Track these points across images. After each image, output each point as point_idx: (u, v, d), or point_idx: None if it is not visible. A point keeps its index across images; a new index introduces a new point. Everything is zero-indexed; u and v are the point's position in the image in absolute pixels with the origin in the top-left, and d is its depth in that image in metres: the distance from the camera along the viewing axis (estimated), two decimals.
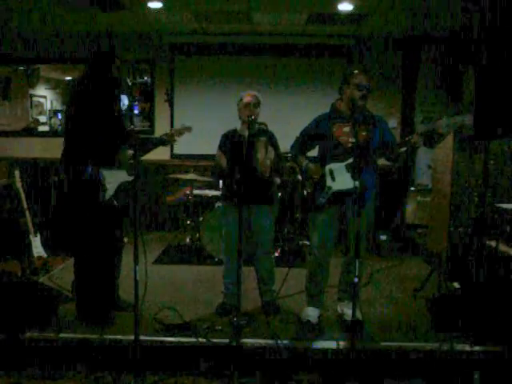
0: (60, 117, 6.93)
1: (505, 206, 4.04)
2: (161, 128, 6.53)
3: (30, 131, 6.65)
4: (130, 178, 3.28)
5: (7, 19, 5.71)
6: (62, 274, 4.36)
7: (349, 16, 5.45)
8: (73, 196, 3.22)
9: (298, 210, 5.43)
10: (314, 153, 3.47)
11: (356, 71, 3.22)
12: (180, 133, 3.68)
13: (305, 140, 3.42)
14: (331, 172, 3.22)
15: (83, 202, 3.20)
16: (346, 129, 3.23)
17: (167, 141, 3.66)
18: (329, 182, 3.23)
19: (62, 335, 3.06)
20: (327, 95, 5.43)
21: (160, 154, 5.51)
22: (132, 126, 3.07)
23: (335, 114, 3.30)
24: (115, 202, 3.19)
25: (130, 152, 3.26)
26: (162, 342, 3.04)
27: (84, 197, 3.18)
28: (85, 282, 3.32)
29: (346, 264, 3.45)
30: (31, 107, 6.76)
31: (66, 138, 3.23)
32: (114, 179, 3.22)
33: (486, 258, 3.92)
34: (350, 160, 3.14)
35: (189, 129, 3.70)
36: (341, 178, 3.19)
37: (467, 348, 2.98)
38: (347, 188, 3.13)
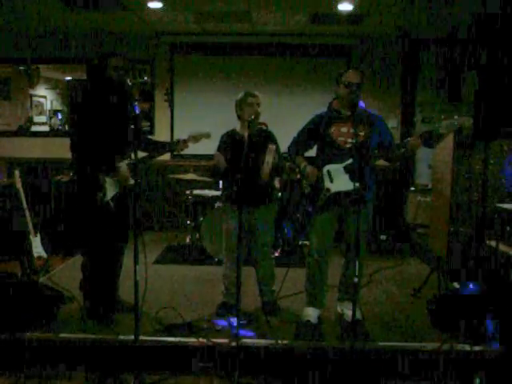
0: (60, 116, 6.94)
1: (505, 206, 4.05)
2: (161, 128, 6.54)
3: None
4: (132, 182, 3.26)
5: (7, 19, 5.70)
6: (62, 274, 4.37)
7: (349, 16, 5.45)
8: (74, 197, 3.23)
9: (298, 209, 5.43)
10: (311, 153, 3.47)
11: (347, 70, 3.24)
12: (197, 139, 3.40)
13: (302, 140, 3.40)
14: (329, 173, 3.21)
15: (82, 202, 3.21)
16: (344, 129, 3.21)
17: (179, 147, 3.39)
18: (327, 183, 3.21)
19: (62, 335, 3.06)
20: (327, 95, 5.39)
21: None
22: (132, 126, 3.04)
23: (333, 114, 3.28)
24: (112, 205, 3.19)
25: (125, 166, 3.20)
26: (161, 342, 3.04)
27: (83, 198, 3.19)
28: (86, 281, 3.36)
29: (346, 264, 3.45)
30: (31, 107, 6.76)
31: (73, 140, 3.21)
32: (115, 183, 3.21)
33: (486, 258, 3.92)
34: (349, 161, 3.13)
35: (207, 135, 3.42)
36: (339, 180, 3.17)
37: (467, 348, 2.98)
38: (346, 189, 3.13)
